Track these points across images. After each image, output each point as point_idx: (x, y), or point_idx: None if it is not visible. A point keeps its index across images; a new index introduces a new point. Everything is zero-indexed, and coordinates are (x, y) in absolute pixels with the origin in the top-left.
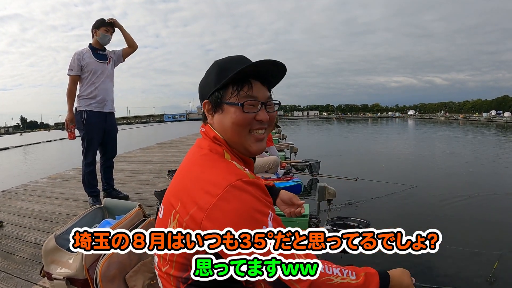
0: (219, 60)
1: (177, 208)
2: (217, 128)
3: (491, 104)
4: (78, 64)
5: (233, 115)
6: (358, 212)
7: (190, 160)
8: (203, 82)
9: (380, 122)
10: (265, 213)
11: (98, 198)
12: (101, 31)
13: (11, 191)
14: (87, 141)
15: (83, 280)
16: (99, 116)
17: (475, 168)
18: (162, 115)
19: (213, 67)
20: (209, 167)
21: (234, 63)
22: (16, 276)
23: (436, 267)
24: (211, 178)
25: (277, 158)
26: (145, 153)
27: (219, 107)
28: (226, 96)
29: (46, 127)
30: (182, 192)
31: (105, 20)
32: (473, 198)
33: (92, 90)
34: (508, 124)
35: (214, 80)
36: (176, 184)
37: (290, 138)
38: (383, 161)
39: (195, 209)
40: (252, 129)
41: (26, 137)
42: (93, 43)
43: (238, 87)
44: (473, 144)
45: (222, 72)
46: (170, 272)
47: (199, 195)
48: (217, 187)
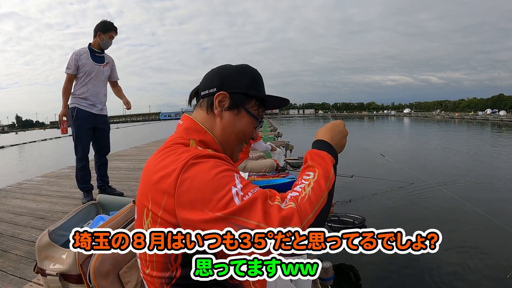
0: (251, 67)
1: (149, 206)
2: (223, 125)
3: (486, 103)
4: (75, 64)
5: (246, 125)
6: (353, 208)
7: (152, 157)
8: (231, 74)
9: (376, 120)
10: (229, 175)
11: (90, 193)
12: (106, 36)
13: (6, 189)
14: (76, 136)
15: (76, 276)
16: (89, 114)
17: (473, 165)
18: (158, 114)
19: (247, 71)
20: (169, 156)
21: (262, 80)
22: (10, 274)
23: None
24: (169, 164)
25: (273, 162)
26: (141, 151)
27: (237, 109)
28: (248, 104)
29: (41, 126)
30: (149, 188)
31: (113, 24)
32: (472, 194)
33: (84, 91)
34: (503, 123)
35: (247, 83)
36: (143, 182)
37: (286, 136)
38: (379, 158)
39: (165, 199)
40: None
41: (22, 136)
42: (92, 44)
43: (259, 105)
44: (470, 141)
45: (256, 82)
46: (152, 274)
47: (163, 184)
48: (176, 169)
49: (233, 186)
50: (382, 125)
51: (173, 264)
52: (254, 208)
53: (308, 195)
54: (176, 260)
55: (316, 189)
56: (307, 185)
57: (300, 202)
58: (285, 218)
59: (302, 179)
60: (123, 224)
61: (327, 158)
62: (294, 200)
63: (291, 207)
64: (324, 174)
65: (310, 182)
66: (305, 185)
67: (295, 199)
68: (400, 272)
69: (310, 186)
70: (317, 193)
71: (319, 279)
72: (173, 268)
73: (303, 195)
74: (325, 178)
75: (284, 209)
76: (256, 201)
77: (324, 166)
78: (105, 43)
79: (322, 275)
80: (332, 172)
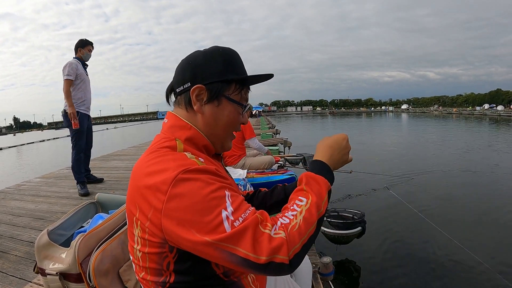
0: (221, 47)
1: (137, 215)
2: (205, 119)
3: (484, 98)
4: (75, 72)
5: (230, 114)
6: (352, 204)
7: (139, 162)
8: (202, 62)
9: (374, 116)
10: (221, 196)
11: (85, 185)
12: (85, 50)
13: (5, 191)
14: (78, 134)
15: (76, 275)
16: (86, 116)
17: (471, 161)
18: (156, 113)
19: (217, 54)
20: (155, 164)
21: (238, 58)
22: (10, 275)
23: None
24: (158, 176)
25: (272, 158)
26: (139, 150)
27: (217, 100)
28: (228, 91)
29: (39, 127)
30: (136, 197)
31: (89, 40)
32: (470, 189)
33: (82, 95)
34: (501, 117)
35: (221, 68)
36: (130, 190)
37: (284, 133)
38: (378, 154)
39: (152, 212)
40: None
41: (19, 137)
42: (78, 58)
43: (241, 87)
44: (468, 136)
45: (231, 63)
46: (147, 278)
47: (151, 197)
48: (165, 183)
49: (223, 210)
50: (380, 121)
51: (166, 271)
52: (244, 236)
53: (298, 225)
54: (168, 267)
55: (307, 218)
56: (299, 213)
57: (290, 231)
58: (274, 249)
59: (295, 203)
60: (121, 223)
61: (322, 183)
62: (284, 229)
63: (280, 237)
64: (317, 202)
65: (302, 210)
66: (297, 212)
67: (285, 227)
68: (400, 268)
69: (302, 215)
70: (307, 222)
71: (319, 274)
72: (166, 274)
73: (293, 223)
74: (318, 206)
75: (274, 238)
76: (246, 229)
77: (318, 193)
78: (85, 56)
79: (323, 270)
80: (326, 198)
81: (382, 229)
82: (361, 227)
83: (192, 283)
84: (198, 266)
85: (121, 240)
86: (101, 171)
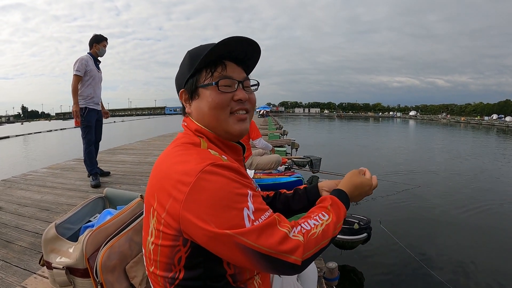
0: (191, 49)
1: (154, 206)
2: (196, 115)
3: (493, 108)
4: (84, 68)
5: (209, 98)
6: (359, 210)
7: (163, 154)
8: (177, 73)
9: (382, 122)
10: (243, 194)
11: (97, 176)
12: (101, 45)
13: (11, 180)
14: (89, 127)
15: (83, 270)
16: (95, 111)
17: (479, 171)
18: (164, 108)
19: (185, 57)
20: (179, 156)
21: (206, 47)
22: (14, 265)
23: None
24: (182, 168)
25: (279, 157)
26: (146, 145)
27: (195, 93)
28: (200, 80)
29: (47, 117)
30: (156, 188)
31: (104, 35)
32: (477, 199)
33: (91, 92)
34: (509, 129)
35: (187, 67)
36: (151, 180)
37: (291, 134)
38: (385, 160)
39: (170, 202)
40: (233, 111)
41: (27, 126)
42: (92, 53)
43: (211, 69)
44: (477, 147)
45: (194, 58)
46: (156, 272)
47: (172, 187)
48: (189, 175)
49: (245, 208)
50: (387, 127)
51: (176, 266)
52: (263, 233)
53: (317, 234)
54: (179, 262)
55: (325, 231)
56: (320, 225)
57: (309, 237)
58: (291, 249)
59: (318, 215)
60: (130, 219)
61: (343, 211)
62: (305, 234)
63: (298, 240)
64: (336, 223)
65: (323, 223)
66: (319, 223)
67: (306, 232)
68: (404, 275)
69: (322, 227)
70: (324, 235)
71: (324, 279)
72: (176, 270)
73: (313, 231)
74: (335, 226)
75: (292, 239)
76: (266, 227)
77: (338, 215)
78: (100, 51)
79: (328, 275)
80: (341, 223)
81: (388, 236)
82: (367, 233)
83: (200, 281)
84: (209, 264)
85: (129, 237)
86: (107, 165)
